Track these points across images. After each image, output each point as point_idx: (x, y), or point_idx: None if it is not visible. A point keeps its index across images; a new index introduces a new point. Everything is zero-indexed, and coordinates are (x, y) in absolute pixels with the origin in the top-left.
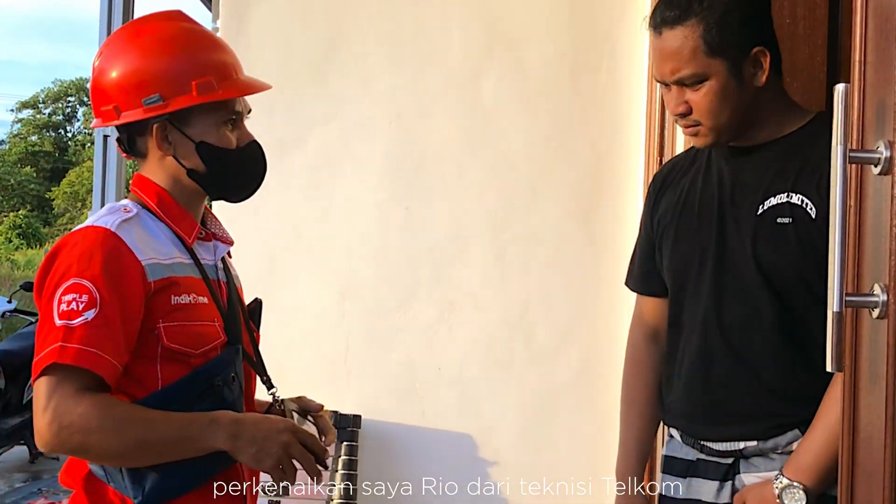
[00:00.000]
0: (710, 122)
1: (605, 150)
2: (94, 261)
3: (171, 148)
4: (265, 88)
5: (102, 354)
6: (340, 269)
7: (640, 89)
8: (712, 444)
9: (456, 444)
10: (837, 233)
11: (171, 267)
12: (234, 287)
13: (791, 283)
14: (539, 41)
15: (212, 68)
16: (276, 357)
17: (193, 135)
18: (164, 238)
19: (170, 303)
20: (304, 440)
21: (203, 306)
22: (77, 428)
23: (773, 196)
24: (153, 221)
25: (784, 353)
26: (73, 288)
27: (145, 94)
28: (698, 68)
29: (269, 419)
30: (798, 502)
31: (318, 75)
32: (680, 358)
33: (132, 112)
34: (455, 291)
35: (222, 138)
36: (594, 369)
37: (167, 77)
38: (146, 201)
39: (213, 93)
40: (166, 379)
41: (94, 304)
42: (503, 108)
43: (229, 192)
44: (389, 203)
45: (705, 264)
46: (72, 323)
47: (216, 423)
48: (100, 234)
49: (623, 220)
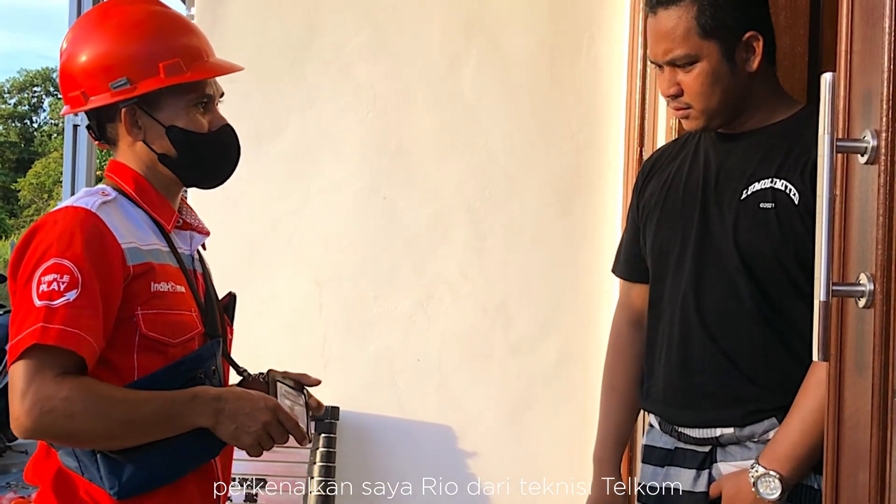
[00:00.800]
0: (701, 105)
1: (585, 140)
2: (76, 240)
3: (140, 133)
4: (235, 70)
5: (85, 335)
6: (318, 259)
7: (619, 80)
8: (689, 432)
9: (435, 436)
10: (824, 222)
11: (150, 253)
12: (209, 279)
13: (770, 269)
14: (519, 31)
15: (180, 50)
16: (254, 348)
17: (163, 118)
18: (142, 224)
19: (149, 289)
20: (283, 421)
21: (181, 295)
22: (60, 412)
23: (758, 181)
24: (132, 207)
25: (761, 339)
26: (53, 268)
27: (112, 77)
28: (691, 49)
29: (250, 395)
30: (773, 491)
31: (296, 63)
32: (660, 342)
33: (100, 97)
34: (434, 282)
35: (193, 122)
36: (574, 359)
37: (134, 60)
38: (123, 187)
39: (182, 74)
40: (143, 369)
41: (76, 285)
42: (482, 98)
43: (202, 178)
44: (367, 193)
45: (687, 248)
46: (53, 303)
47: (198, 398)
48: (80, 214)
49: (603, 210)
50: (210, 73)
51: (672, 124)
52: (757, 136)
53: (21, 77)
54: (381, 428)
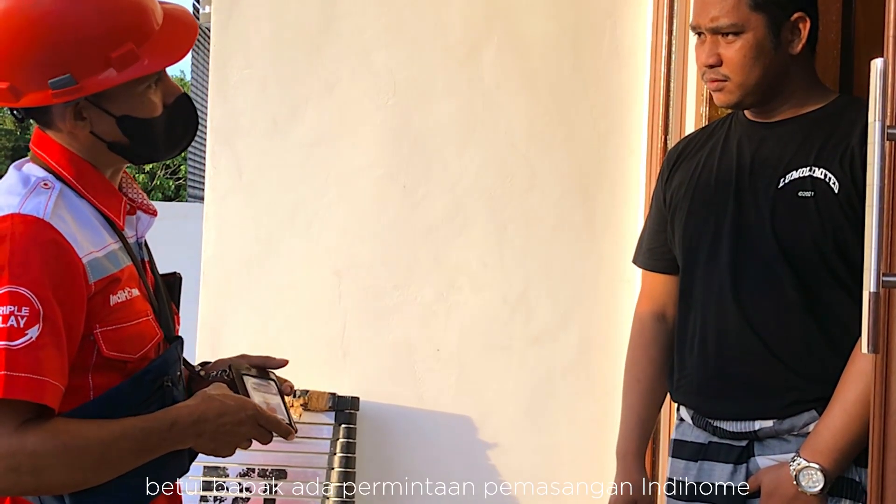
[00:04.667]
0: (739, 78)
1: (607, 127)
2: (32, 261)
3: (86, 124)
4: (193, 41)
5: (50, 381)
6: (336, 248)
7: (643, 66)
8: (725, 425)
9: (455, 426)
10: (875, 211)
11: (107, 258)
12: (154, 265)
13: (810, 258)
14: (540, 16)
15: (129, 28)
16: (272, 338)
17: (113, 109)
18: (92, 221)
19: (108, 304)
20: (266, 425)
21: (136, 300)
22: (27, 469)
23: (795, 170)
24: (76, 199)
25: (801, 328)
26: (8, 298)
27: (51, 73)
28: (738, 19)
29: (229, 407)
30: (816, 484)
31: (314, 49)
32: (691, 332)
33: (36, 95)
34: (453, 271)
35: (147, 107)
36: (595, 350)
37: (77, 50)
38: (60, 172)
39: (138, 64)
40: (99, 388)
41: (36, 319)
42: (503, 85)
43: (156, 157)
44: (386, 181)
45: (721, 238)
46: (13, 345)
47: (176, 426)
48: (31, 226)
49: (625, 199)
50: (171, 59)
51: (702, 111)
52: (792, 124)
53: None
54: (400, 418)
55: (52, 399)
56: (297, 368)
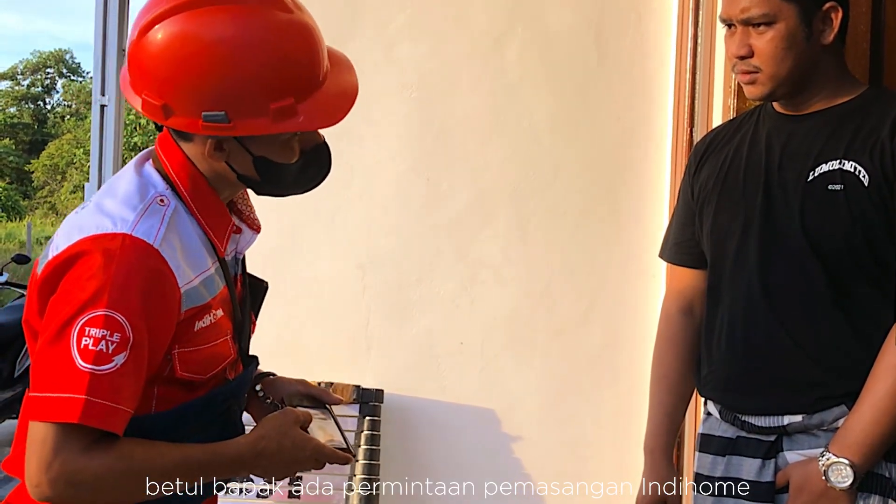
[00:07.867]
0: (771, 70)
1: (632, 120)
2: (132, 287)
3: (223, 154)
4: (351, 105)
5: (124, 409)
6: (360, 241)
7: (668, 58)
8: (753, 420)
9: (478, 419)
10: None
11: (204, 285)
12: (245, 281)
13: (839, 252)
14: (564, 8)
15: (296, 83)
16: (296, 332)
17: (254, 149)
18: (196, 243)
19: (192, 329)
20: (327, 460)
21: (220, 321)
22: (87, 487)
23: (825, 163)
24: (187, 219)
25: (831, 323)
26: (103, 321)
27: (207, 106)
28: (770, 9)
29: (292, 443)
30: (845, 479)
31: (338, 43)
32: (719, 327)
33: (186, 121)
34: (477, 264)
35: (286, 153)
36: (618, 344)
37: (240, 93)
38: (178, 186)
39: (293, 119)
40: (161, 398)
41: (125, 346)
42: (527, 77)
43: (281, 195)
44: (410, 174)
45: (750, 231)
46: (98, 370)
47: (237, 463)
48: (140, 251)
49: (649, 192)
50: (326, 123)
51: (731, 103)
52: (821, 117)
53: (34, 59)
54: (424, 410)
55: (121, 425)
56: (321, 361)
